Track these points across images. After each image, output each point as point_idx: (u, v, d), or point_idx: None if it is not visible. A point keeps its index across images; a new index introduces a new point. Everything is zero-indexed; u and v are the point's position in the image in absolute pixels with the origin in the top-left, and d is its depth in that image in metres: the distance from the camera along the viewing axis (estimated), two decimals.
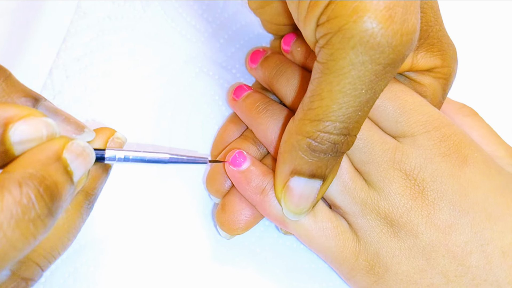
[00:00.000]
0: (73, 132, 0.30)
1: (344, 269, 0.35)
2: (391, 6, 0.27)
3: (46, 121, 0.26)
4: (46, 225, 0.25)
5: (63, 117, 0.30)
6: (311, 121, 0.30)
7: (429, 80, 0.36)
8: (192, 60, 0.42)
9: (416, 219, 0.33)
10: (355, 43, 0.27)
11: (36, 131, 0.26)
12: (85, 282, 0.36)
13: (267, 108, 0.37)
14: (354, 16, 0.27)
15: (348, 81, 0.28)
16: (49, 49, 0.41)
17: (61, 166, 0.26)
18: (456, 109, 0.39)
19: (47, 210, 0.25)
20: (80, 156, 0.27)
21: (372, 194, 0.34)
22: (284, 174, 0.33)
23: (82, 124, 0.30)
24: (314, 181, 0.32)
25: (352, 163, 0.35)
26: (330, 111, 0.29)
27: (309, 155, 0.31)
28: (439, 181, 0.33)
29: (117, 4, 0.43)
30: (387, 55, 0.28)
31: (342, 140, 0.30)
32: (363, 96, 0.29)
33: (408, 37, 0.28)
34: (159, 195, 0.39)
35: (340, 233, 0.34)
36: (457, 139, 0.34)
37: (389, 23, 0.27)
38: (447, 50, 0.35)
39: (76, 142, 0.27)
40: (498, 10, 0.47)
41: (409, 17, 0.28)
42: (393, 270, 0.33)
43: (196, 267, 0.37)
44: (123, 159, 0.31)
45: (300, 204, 0.33)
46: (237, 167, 0.35)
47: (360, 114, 0.30)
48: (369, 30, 0.27)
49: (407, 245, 0.33)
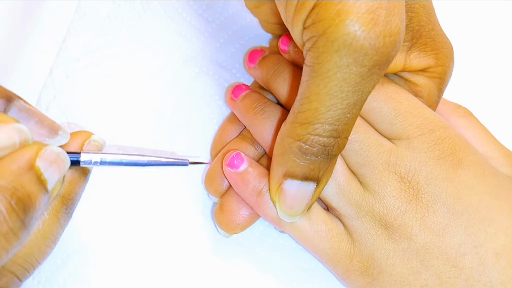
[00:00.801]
0: (46, 135, 0.29)
1: (339, 270, 0.35)
2: (373, 8, 0.27)
3: (18, 127, 0.26)
4: (19, 237, 0.25)
5: (36, 119, 0.29)
6: (301, 124, 0.30)
7: (423, 80, 0.36)
8: (192, 60, 0.42)
9: (410, 222, 0.33)
10: (338, 46, 0.27)
11: (8, 139, 0.26)
12: (85, 282, 0.36)
13: (264, 109, 0.37)
14: (337, 20, 0.27)
15: (334, 84, 0.28)
16: (49, 49, 0.41)
17: (34, 176, 0.26)
18: (451, 110, 0.39)
19: (19, 223, 0.25)
20: (54, 163, 0.27)
21: (367, 197, 0.34)
22: (277, 176, 0.33)
23: (57, 125, 0.29)
24: (308, 184, 0.32)
25: (348, 165, 0.35)
26: (318, 113, 0.29)
27: (300, 158, 0.31)
28: (433, 184, 0.33)
29: (117, 4, 0.43)
30: (371, 57, 0.28)
31: (332, 143, 0.30)
32: (350, 98, 0.29)
33: (392, 39, 0.28)
34: (159, 194, 0.39)
35: (334, 236, 0.35)
36: (452, 142, 0.34)
37: (372, 25, 0.27)
38: (441, 49, 0.35)
39: (50, 148, 0.27)
40: (495, 10, 0.47)
41: (393, 19, 0.28)
42: (387, 272, 0.34)
43: (196, 267, 0.37)
44: (99, 162, 0.30)
45: (294, 207, 0.33)
46: (235, 169, 0.35)
47: (349, 116, 0.30)
48: (352, 33, 0.27)
49: (401, 247, 0.33)
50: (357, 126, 0.35)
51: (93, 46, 0.42)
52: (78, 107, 0.40)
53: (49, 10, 0.42)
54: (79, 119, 0.40)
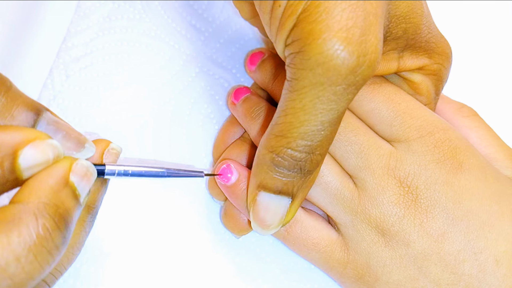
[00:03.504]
0: (73, 149, 0.30)
1: (333, 276, 0.35)
2: (347, 27, 0.27)
3: (52, 144, 0.27)
4: (61, 252, 0.26)
5: (64, 133, 0.30)
6: (276, 136, 0.30)
7: (420, 78, 0.36)
8: (192, 60, 0.42)
9: (408, 228, 0.33)
10: (312, 64, 0.28)
11: (43, 156, 0.26)
12: (85, 282, 0.36)
13: (261, 113, 0.37)
14: (311, 38, 0.27)
15: (309, 100, 0.28)
16: (49, 49, 0.41)
17: (70, 191, 0.27)
18: (455, 109, 0.38)
19: (62, 238, 0.26)
20: (85, 177, 0.28)
21: (364, 203, 0.34)
22: (252, 187, 0.33)
23: (83, 138, 0.30)
24: (281, 198, 0.32)
25: (347, 168, 0.35)
26: (292, 127, 0.29)
27: (273, 170, 0.31)
28: (433, 189, 0.33)
29: (117, 4, 0.43)
30: (345, 77, 0.28)
31: (304, 158, 0.30)
32: (324, 115, 0.29)
33: (367, 58, 0.28)
34: (160, 195, 0.39)
35: (324, 246, 0.35)
36: (452, 145, 0.34)
37: (345, 44, 0.27)
38: (435, 49, 0.35)
39: (80, 163, 0.28)
40: (499, 10, 0.46)
41: (368, 38, 0.28)
42: (384, 280, 0.33)
43: (196, 267, 0.37)
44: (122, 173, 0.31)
45: (266, 220, 0.33)
46: (224, 182, 0.36)
47: (324, 134, 0.29)
48: (324, 52, 0.27)
49: (398, 254, 0.33)
50: (356, 128, 0.35)
51: (93, 46, 0.42)
52: (78, 107, 0.40)
53: (49, 10, 0.42)
54: (79, 119, 0.40)
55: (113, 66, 0.42)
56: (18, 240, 0.24)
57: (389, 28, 0.32)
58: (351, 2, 0.27)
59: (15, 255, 0.24)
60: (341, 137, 0.35)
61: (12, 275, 0.24)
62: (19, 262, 0.24)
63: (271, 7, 0.29)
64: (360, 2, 0.28)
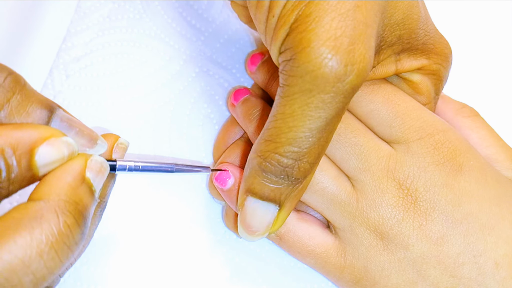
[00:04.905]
0: (86, 145, 0.30)
1: (331, 279, 0.35)
2: (336, 36, 0.27)
3: (66, 141, 0.27)
4: (79, 246, 0.27)
5: (77, 129, 0.30)
6: (265, 141, 0.30)
7: (419, 77, 0.36)
8: (192, 60, 0.42)
9: (407, 231, 0.33)
10: (301, 72, 0.28)
11: (59, 153, 0.27)
12: (85, 282, 0.36)
13: (260, 114, 0.37)
14: (300, 47, 0.28)
15: (298, 106, 0.29)
16: (49, 49, 0.41)
17: (87, 187, 0.27)
18: (456, 110, 0.38)
19: (81, 234, 0.26)
20: (100, 173, 0.28)
21: (362, 206, 0.34)
22: (241, 191, 0.33)
23: (95, 134, 0.30)
24: (268, 205, 0.32)
25: (346, 170, 0.35)
26: (281, 132, 0.30)
27: (260, 175, 0.31)
28: (432, 191, 0.33)
29: (117, 4, 0.43)
30: (333, 85, 0.28)
31: (291, 164, 0.30)
32: (312, 122, 0.29)
33: (354, 67, 0.28)
34: (160, 195, 0.39)
35: (320, 253, 0.35)
36: (452, 146, 0.34)
37: (333, 53, 0.27)
38: (433, 50, 0.35)
39: (94, 159, 0.28)
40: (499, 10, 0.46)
41: (357, 47, 0.28)
42: (382, 284, 0.33)
43: (196, 267, 0.37)
44: (133, 168, 0.32)
45: (252, 226, 0.33)
46: (221, 186, 0.36)
47: (311, 141, 0.29)
48: (313, 60, 0.27)
49: (397, 257, 0.33)
50: (356, 130, 0.35)
51: (93, 46, 0.42)
52: (78, 107, 0.40)
53: (49, 10, 0.42)
54: (79, 119, 0.40)
55: (113, 66, 0.42)
56: (41, 237, 0.25)
57: (383, 37, 0.32)
58: (341, 12, 0.28)
59: (38, 251, 0.25)
60: (341, 138, 0.35)
61: (35, 270, 0.25)
62: (42, 258, 0.25)
63: (265, 17, 0.30)
64: (350, 11, 0.28)
